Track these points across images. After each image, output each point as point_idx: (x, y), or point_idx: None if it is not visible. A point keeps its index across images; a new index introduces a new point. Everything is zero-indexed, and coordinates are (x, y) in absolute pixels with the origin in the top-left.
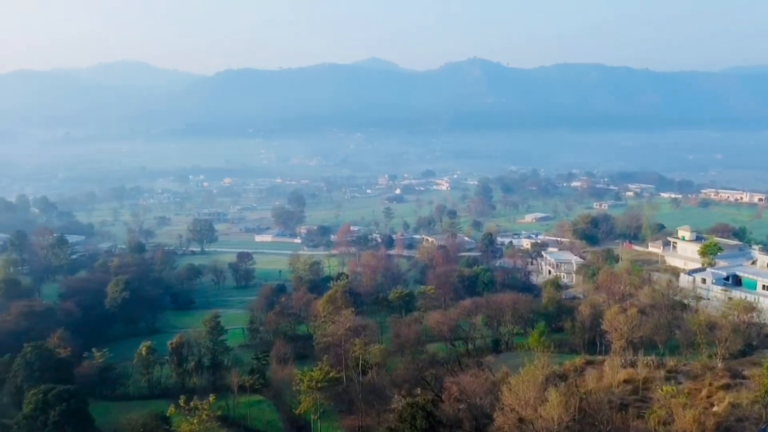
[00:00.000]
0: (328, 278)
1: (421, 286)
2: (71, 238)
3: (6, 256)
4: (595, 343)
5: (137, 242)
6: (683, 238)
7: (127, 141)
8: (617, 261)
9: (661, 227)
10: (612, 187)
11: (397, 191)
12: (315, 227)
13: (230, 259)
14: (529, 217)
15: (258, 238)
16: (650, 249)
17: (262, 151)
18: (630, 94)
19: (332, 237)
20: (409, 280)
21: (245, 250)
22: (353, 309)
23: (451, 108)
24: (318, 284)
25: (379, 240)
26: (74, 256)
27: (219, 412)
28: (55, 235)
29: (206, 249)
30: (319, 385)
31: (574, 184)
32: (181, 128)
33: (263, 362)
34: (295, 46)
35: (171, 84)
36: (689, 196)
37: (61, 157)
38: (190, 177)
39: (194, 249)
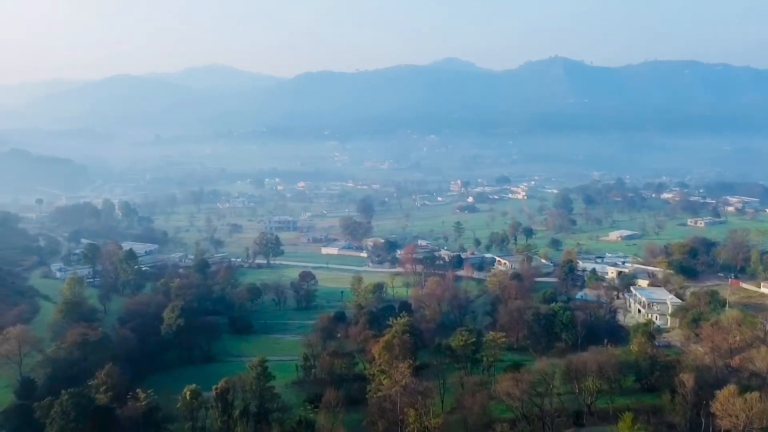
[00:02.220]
0: (391, 308)
1: (491, 332)
2: (145, 247)
3: (73, 273)
4: (698, 416)
5: (202, 259)
6: None
7: (210, 142)
8: (723, 305)
9: None
10: (709, 200)
11: (470, 199)
12: (381, 241)
13: (295, 273)
14: (613, 235)
15: (324, 251)
16: (763, 290)
17: (336, 154)
18: (728, 94)
19: (398, 252)
20: (477, 312)
21: (309, 265)
22: (411, 361)
23: (529, 109)
24: (378, 316)
25: (447, 259)
26: (144, 268)
27: None
28: (124, 249)
29: (272, 262)
30: None
31: (665, 195)
32: (261, 130)
33: (312, 412)
34: (372, 48)
35: (254, 86)
36: None
37: (149, 158)
38: (266, 180)
39: (260, 262)
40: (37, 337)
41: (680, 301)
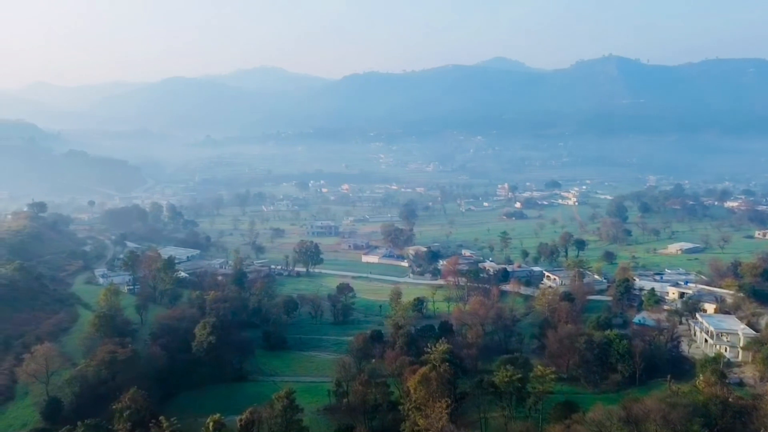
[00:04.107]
0: (430, 327)
1: (539, 366)
2: (187, 252)
3: (111, 284)
4: None
5: (240, 270)
6: None
7: (258, 143)
8: None
9: None
10: None
11: (517, 205)
12: (423, 249)
13: (334, 283)
14: (672, 248)
15: (365, 259)
16: None
17: (381, 156)
18: None
19: (440, 263)
20: (524, 334)
21: (349, 274)
22: (449, 400)
23: (581, 110)
24: (416, 338)
25: (492, 272)
26: (183, 275)
27: None
28: (166, 254)
29: (312, 270)
30: None
31: (729, 204)
32: (308, 131)
33: None
34: (419, 49)
35: (302, 88)
36: None
37: (200, 159)
38: (311, 182)
39: (300, 270)
40: (68, 353)
41: (753, 332)
